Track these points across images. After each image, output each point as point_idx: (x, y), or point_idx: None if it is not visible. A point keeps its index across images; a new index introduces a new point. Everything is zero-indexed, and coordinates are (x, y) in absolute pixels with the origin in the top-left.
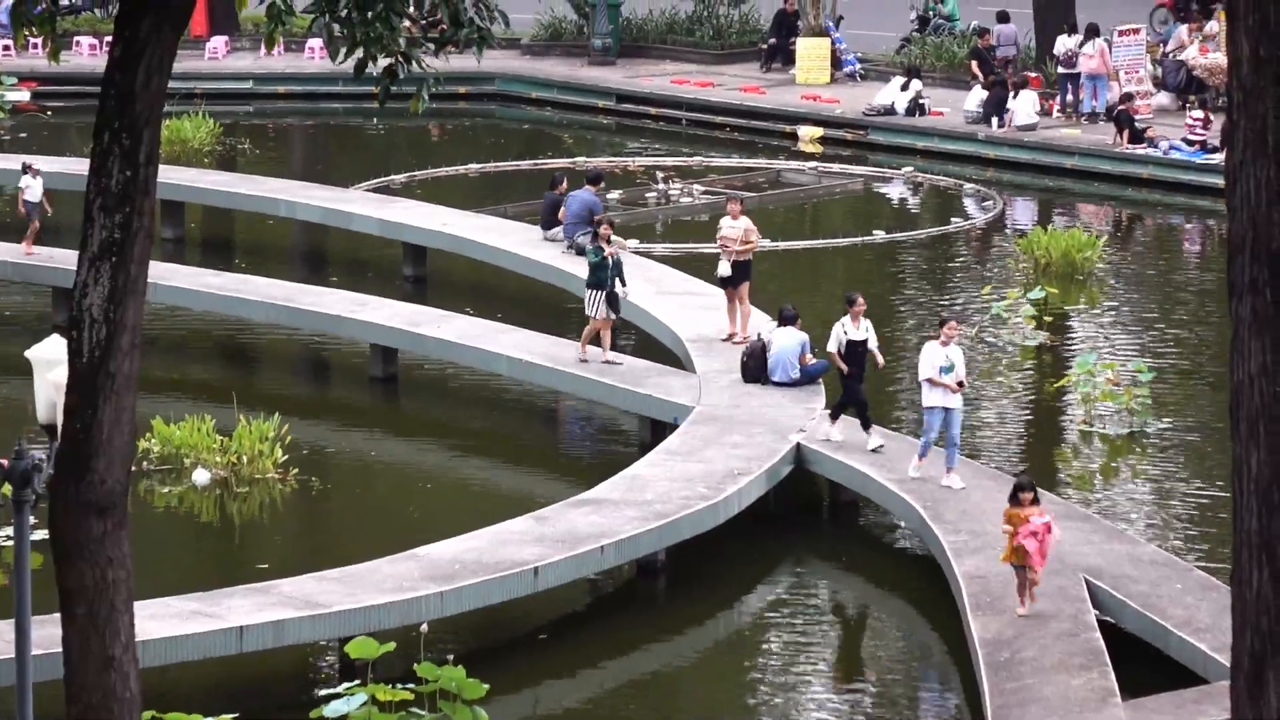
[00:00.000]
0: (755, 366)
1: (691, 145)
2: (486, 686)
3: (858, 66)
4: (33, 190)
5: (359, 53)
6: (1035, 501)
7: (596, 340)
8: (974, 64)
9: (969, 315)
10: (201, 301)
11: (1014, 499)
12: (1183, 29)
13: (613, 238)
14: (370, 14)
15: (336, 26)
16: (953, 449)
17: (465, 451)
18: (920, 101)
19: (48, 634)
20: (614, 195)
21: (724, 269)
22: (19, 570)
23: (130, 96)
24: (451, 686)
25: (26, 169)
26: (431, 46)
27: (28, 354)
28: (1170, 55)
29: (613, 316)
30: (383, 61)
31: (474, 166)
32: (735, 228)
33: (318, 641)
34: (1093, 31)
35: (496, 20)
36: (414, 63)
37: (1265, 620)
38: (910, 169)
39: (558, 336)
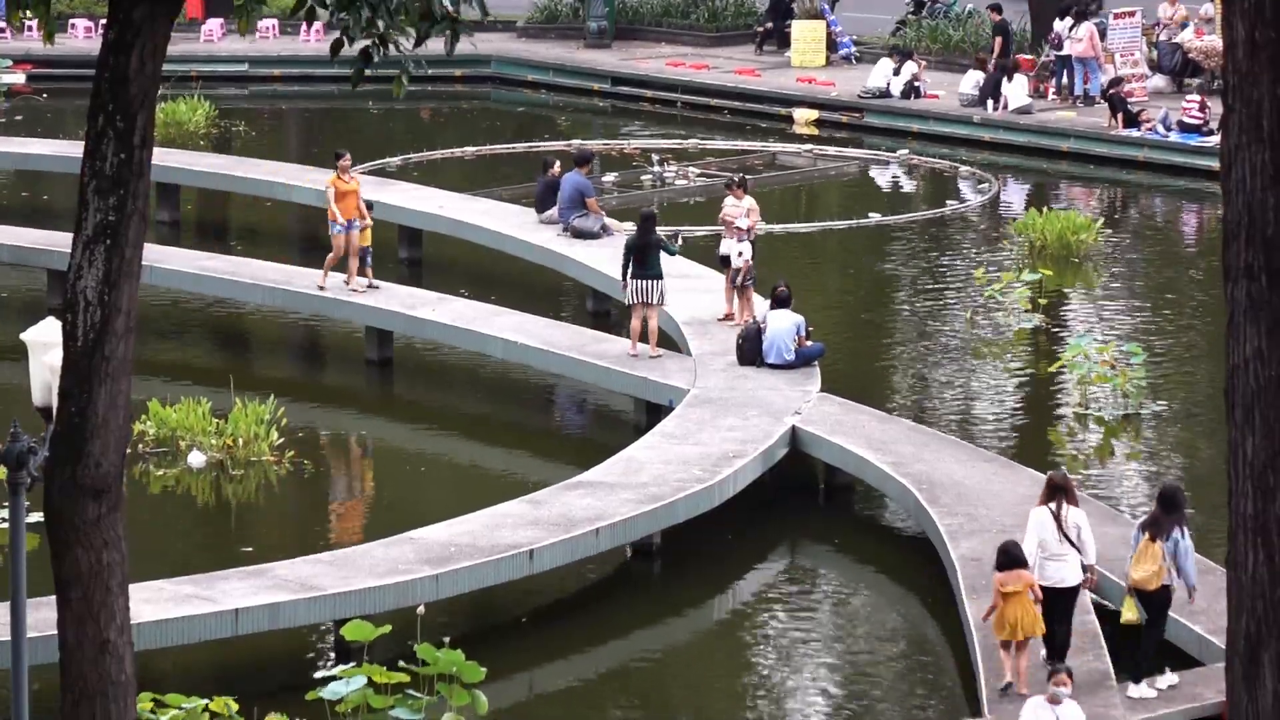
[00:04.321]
0: (750, 349)
1: (687, 128)
2: (484, 670)
3: (853, 49)
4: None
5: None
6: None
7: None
8: (998, 40)
9: None
10: (197, 284)
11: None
12: (1163, 4)
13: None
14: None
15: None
16: None
17: (460, 434)
18: (915, 84)
19: (43, 617)
20: (609, 178)
21: (725, 248)
22: (15, 553)
23: (124, 79)
24: (450, 669)
25: None
26: (411, 31)
27: (23, 337)
28: (1166, 40)
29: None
30: (359, 44)
31: (470, 149)
32: (738, 207)
33: (313, 624)
34: (1081, 15)
35: (473, 7)
36: (392, 45)
37: (1260, 604)
38: (906, 151)
39: (554, 319)
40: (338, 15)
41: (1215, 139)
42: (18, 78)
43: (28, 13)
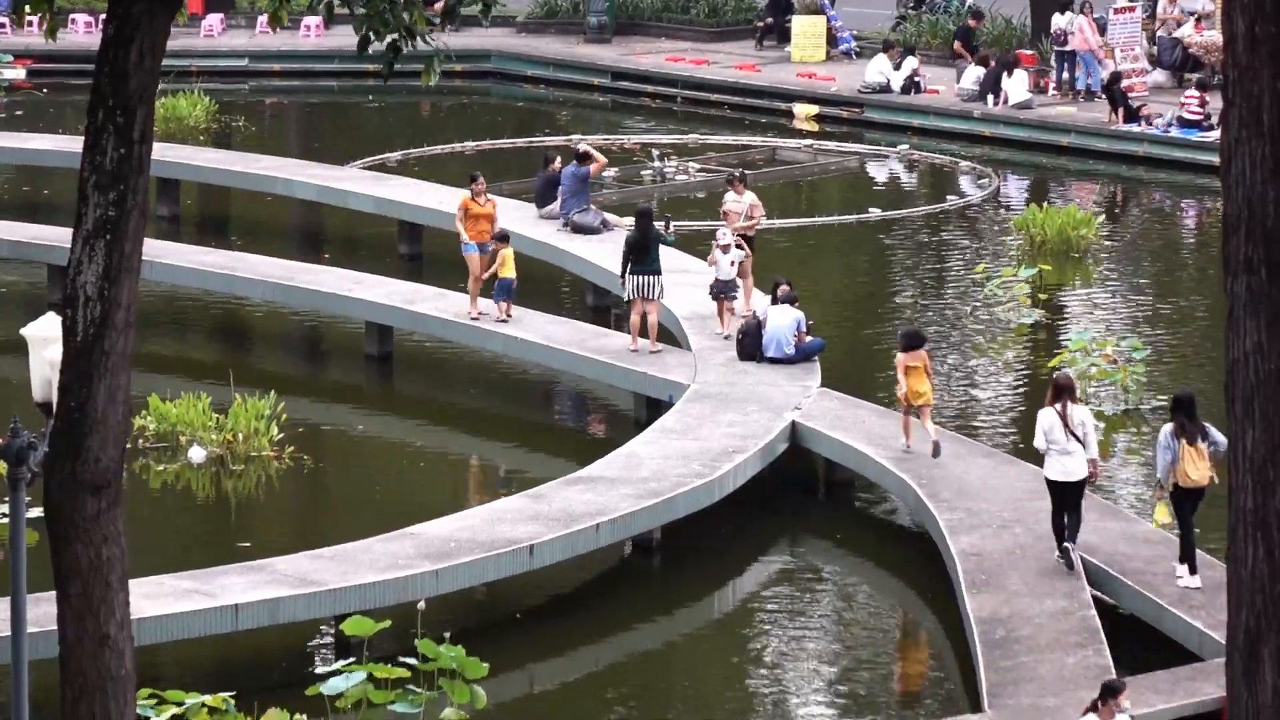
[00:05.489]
0: (750, 344)
1: (687, 123)
2: (486, 665)
3: (853, 44)
4: None
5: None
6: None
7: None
8: (958, 44)
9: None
10: (197, 279)
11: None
12: (1163, 1)
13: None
14: None
15: (337, 3)
16: None
17: (460, 429)
18: (915, 79)
19: (43, 612)
20: (610, 173)
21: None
22: (15, 549)
23: (124, 74)
24: (452, 665)
25: None
26: (437, 21)
27: (23, 332)
28: (1166, 35)
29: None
30: (387, 37)
31: (470, 144)
32: (740, 202)
33: (313, 619)
34: (1078, 9)
35: None
36: (418, 38)
37: (1260, 598)
38: (906, 146)
39: (553, 314)
40: (357, 9)
41: (1215, 134)
42: (18, 73)
43: (30, 7)
